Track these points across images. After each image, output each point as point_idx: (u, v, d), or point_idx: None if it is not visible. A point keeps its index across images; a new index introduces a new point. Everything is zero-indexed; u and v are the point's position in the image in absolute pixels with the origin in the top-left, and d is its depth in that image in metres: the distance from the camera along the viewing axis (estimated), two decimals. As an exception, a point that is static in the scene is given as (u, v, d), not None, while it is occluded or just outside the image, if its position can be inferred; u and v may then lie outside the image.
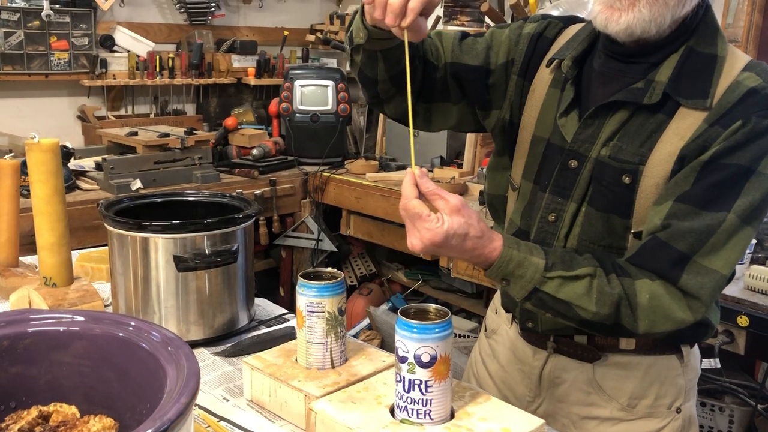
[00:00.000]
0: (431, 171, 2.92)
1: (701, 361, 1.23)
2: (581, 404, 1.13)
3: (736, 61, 0.99)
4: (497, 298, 1.29)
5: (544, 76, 1.11)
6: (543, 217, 1.08)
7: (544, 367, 1.15)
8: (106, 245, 1.34)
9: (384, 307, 3.09)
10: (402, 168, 3.03)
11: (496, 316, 1.27)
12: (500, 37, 1.16)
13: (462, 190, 2.60)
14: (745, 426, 2.12)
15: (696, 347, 1.15)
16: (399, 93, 1.12)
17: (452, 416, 0.90)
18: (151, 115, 3.30)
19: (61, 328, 0.77)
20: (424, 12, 0.93)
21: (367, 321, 3.02)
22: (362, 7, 0.99)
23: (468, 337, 2.83)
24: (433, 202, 0.92)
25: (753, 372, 2.25)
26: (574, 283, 0.95)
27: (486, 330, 1.31)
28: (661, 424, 1.11)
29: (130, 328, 0.75)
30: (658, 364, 1.10)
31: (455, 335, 2.68)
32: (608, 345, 1.10)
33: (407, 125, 1.21)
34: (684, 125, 0.97)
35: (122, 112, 3.25)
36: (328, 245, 3.12)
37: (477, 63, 1.14)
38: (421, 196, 0.92)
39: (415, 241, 0.91)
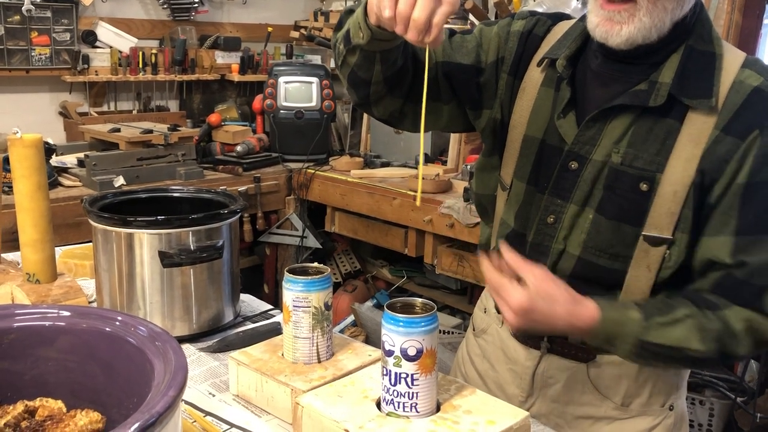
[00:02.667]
0: (415, 168, 2.93)
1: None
2: (575, 404, 1.13)
3: (733, 58, 1.00)
4: (486, 298, 1.28)
5: (534, 75, 1.11)
6: (542, 219, 1.08)
7: (537, 367, 1.15)
8: (89, 242, 1.33)
9: (369, 303, 3.10)
10: (386, 165, 3.04)
11: (485, 315, 1.26)
12: (489, 34, 1.14)
13: (446, 187, 2.61)
14: (725, 419, 2.16)
15: None
16: (389, 94, 1.10)
17: (438, 409, 0.91)
18: (134, 112, 3.28)
19: (47, 323, 0.77)
20: None
21: (351, 318, 3.02)
22: (365, 6, 0.95)
23: (452, 333, 2.84)
24: (518, 273, 0.95)
25: (732, 366, 2.28)
26: (677, 326, 0.96)
27: (474, 329, 1.30)
28: (655, 422, 1.11)
29: (117, 323, 0.75)
30: None
31: (439, 331, 2.70)
32: None
33: (394, 126, 1.21)
34: (696, 130, 0.98)
35: (105, 108, 3.22)
36: (312, 242, 3.12)
37: (468, 62, 1.12)
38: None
39: (508, 314, 0.93)
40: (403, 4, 0.85)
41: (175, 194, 1.40)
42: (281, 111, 3.15)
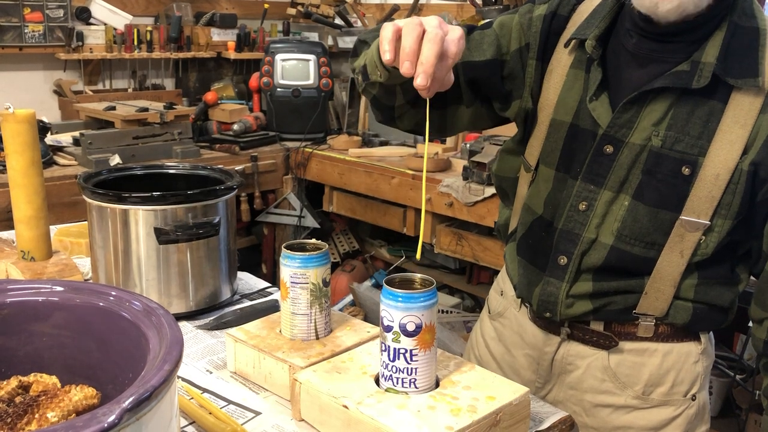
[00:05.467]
0: (414, 147, 2.91)
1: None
2: (594, 392, 1.11)
3: None
4: (502, 280, 1.25)
5: (562, 56, 1.07)
6: (573, 205, 1.05)
7: (556, 353, 1.13)
8: (85, 221, 1.31)
9: (367, 283, 3.10)
10: (385, 144, 3.01)
11: (502, 298, 1.24)
12: (510, 23, 1.11)
13: (445, 166, 2.60)
14: (724, 396, 2.16)
15: (711, 333, 1.13)
16: (412, 108, 1.08)
17: (437, 385, 0.90)
18: (130, 90, 3.25)
19: (40, 299, 0.75)
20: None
21: (350, 297, 3.02)
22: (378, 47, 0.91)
23: (450, 312, 2.84)
24: None
25: (731, 344, 2.29)
26: None
27: (490, 312, 1.27)
28: (676, 413, 1.09)
29: (111, 298, 0.74)
30: (676, 351, 1.08)
31: (438, 311, 2.69)
32: (626, 332, 1.07)
33: (420, 134, 1.18)
34: (742, 112, 0.94)
35: (100, 86, 3.19)
36: (310, 222, 3.11)
37: (488, 57, 1.09)
38: None
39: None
40: (409, 41, 0.80)
41: (171, 171, 1.38)
42: (278, 89, 3.12)
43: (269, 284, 1.42)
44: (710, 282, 1.04)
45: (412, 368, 0.86)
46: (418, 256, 0.93)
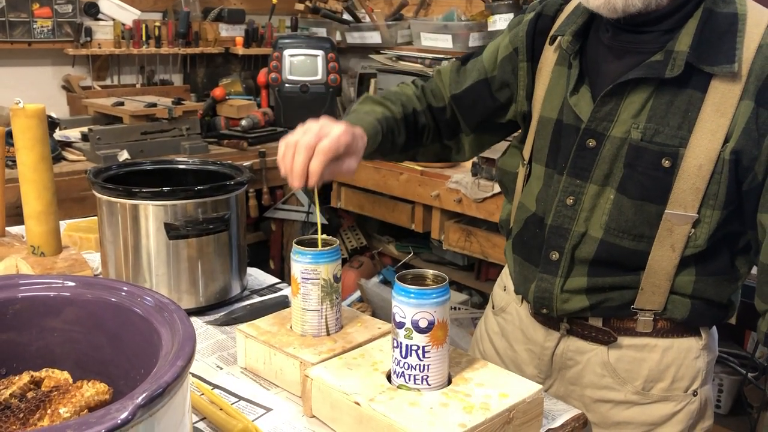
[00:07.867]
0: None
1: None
2: (594, 387, 1.11)
3: (760, 17, 0.94)
4: (505, 276, 1.25)
5: (548, 55, 1.09)
6: (561, 200, 1.05)
7: (556, 348, 1.12)
8: (94, 216, 1.31)
9: (375, 279, 3.09)
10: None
11: (505, 293, 1.24)
12: (499, 38, 1.18)
13: (452, 164, 2.58)
14: (734, 395, 2.15)
15: (714, 328, 1.12)
16: (421, 146, 1.19)
17: (449, 382, 0.89)
18: (138, 85, 3.25)
19: (52, 294, 0.75)
20: (348, 153, 0.97)
21: (358, 294, 3.01)
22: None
23: (459, 309, 2.83)
24: None
25: (743, 342, 2.27)
26: None
27: (494, 307, 1.28)
28: (677, 408, 1.08)
29: (123, 293, 0.74)
30: (676, 347, 1.07)
31: (446, 307, 2.67)
32: (625, 328, 1.07)
33: (446, 161, 1.28)
34: (720, 100, 0.93)
35: (108, 82, 3.19)
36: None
37: (476, 78, 1.17)
38: None
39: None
40: (286, 162, 0.97)
41: (181, 166, 1.38)
42: (286, 85, 3.11)
43: (279, 280, 1.41)
44: (708, 278, 1.03)
45: (424, 365, 0.86)
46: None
